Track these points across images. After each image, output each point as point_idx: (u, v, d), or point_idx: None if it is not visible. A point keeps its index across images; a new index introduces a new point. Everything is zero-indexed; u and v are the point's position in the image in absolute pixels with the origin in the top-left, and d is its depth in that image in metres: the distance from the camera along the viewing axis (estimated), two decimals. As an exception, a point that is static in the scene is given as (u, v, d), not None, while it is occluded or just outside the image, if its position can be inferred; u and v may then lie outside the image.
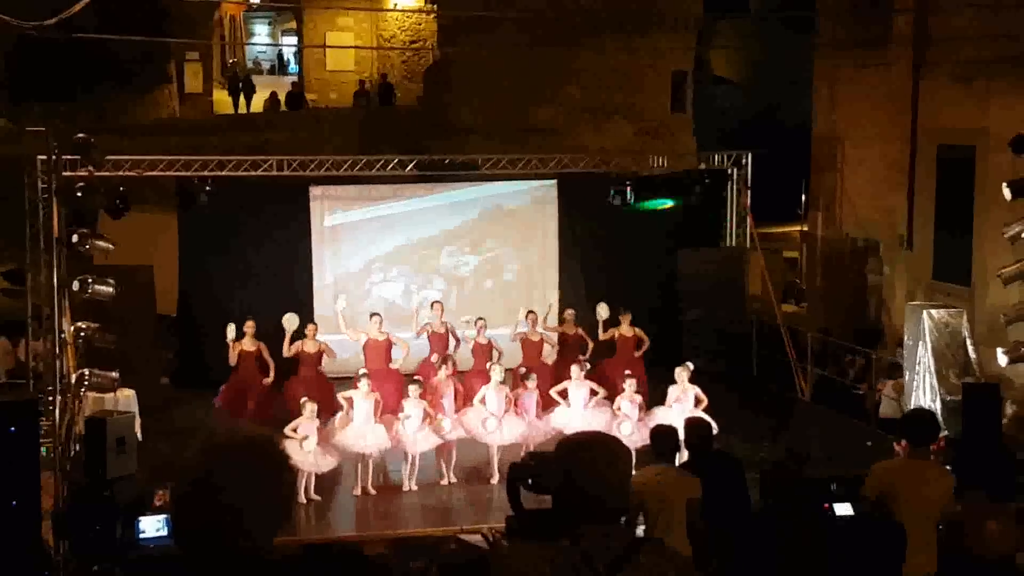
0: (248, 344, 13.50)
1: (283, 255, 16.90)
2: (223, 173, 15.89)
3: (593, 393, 12.87)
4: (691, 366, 12.86)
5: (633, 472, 4.04)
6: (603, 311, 14.97)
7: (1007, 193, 12.71)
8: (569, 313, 14.77)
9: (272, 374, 13.50)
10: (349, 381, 12.95)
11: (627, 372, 13.14)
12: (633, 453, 9.69)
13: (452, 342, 14.06)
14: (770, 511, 8.32)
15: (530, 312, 14.48)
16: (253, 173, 16.02)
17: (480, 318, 14.19)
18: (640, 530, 7.30)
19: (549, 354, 14.31)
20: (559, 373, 13.59)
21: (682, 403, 12.43)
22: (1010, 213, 13.11)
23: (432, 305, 14.40)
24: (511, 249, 17.77)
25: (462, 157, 17.22)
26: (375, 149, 17.66)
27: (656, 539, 6.00)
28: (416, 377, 13.03)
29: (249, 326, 13.54)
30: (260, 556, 2.46)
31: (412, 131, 22.65)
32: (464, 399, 12.97)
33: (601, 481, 3.01)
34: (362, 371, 12.87)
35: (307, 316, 16.49)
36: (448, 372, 12.91)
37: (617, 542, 2.96)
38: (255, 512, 2.44)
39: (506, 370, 13.28)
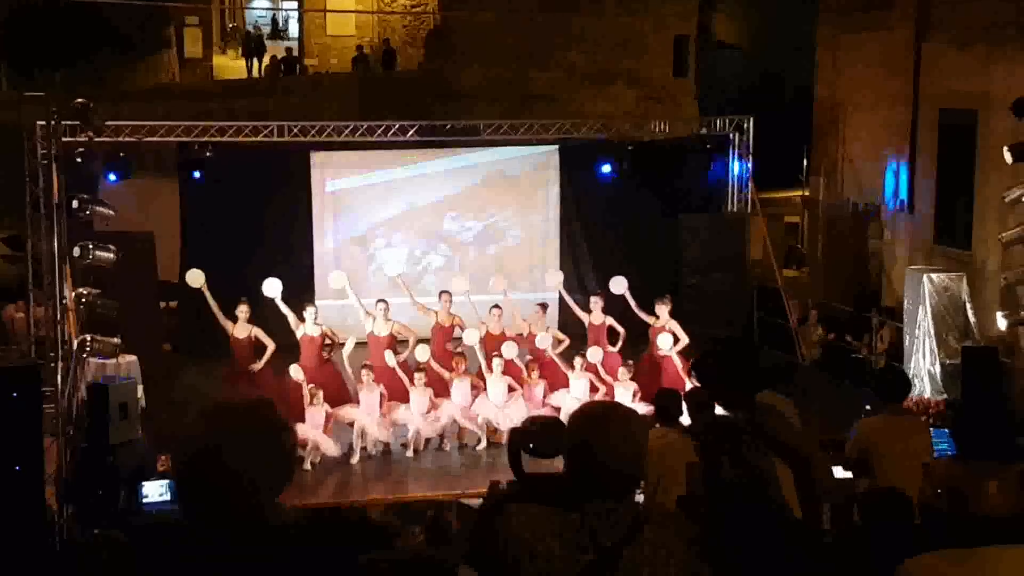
0: (240, 331, 12.67)
1: (284, 221, 16.89)
2: (224, 139, 15.88)
3: (594, 389, 12.82)
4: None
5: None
6: (552, 278, 14.86)
7: (1008, 157, 12.69)
8: (535, 313, 13.91)
9: (266, 358, 12.61)
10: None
11: (629, 363, 13.05)
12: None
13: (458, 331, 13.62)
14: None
15: (543, 305, 14.11)
16: (254, 139, 16.00)
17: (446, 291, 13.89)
18: (640, 496, 7.35)
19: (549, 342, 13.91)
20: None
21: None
22: (1011, 177, 13.10)
23: (440, 296, 13.88)
24: (513, 215, 17.75)
25: (463, 122, 17.17)
26: (376, 115, 17.62)
27: (663, 511, 6.02)
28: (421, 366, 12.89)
29: (242, 310, 12.64)
30: (264, 519, 2.48)
31: (413, 96, 22.57)
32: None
33: (617, 453, 3.00)
34: (365, 363, 12.74)
35: (309, 282, 16.59)
36: (464, 367, 12.94)
37: (624, 517, 2.94)
38: (257, 475, 2.47)
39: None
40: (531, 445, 4.84)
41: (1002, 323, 12.99)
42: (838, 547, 5.07)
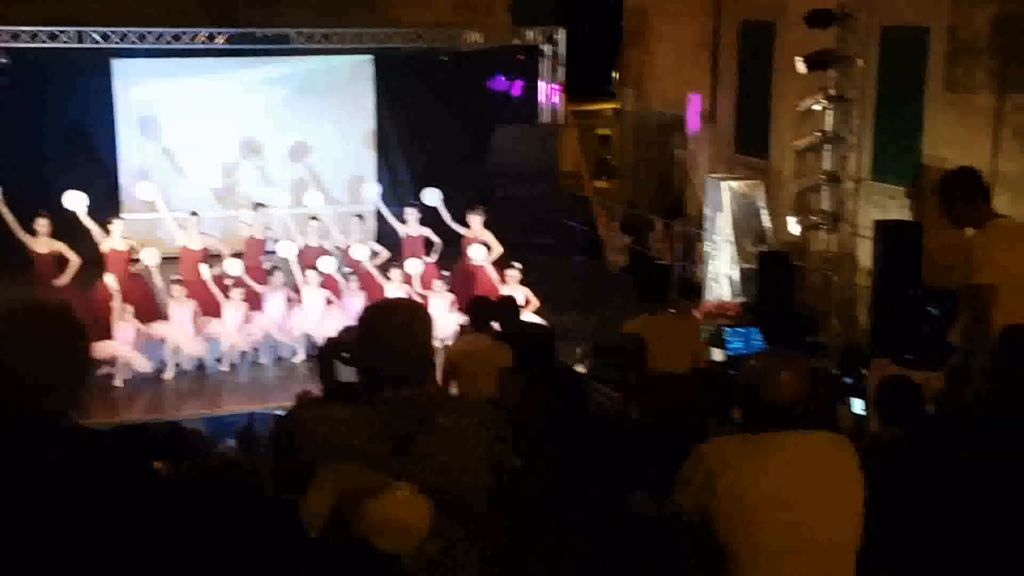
0: (40, 245, 12.15)
1: (87, 132, 16.26)
2: (18, 45, 15.13)
3: None
4: (519, 266, 13.00)
5: (434, 337, 4.19)
6: (369, 190, 14.86)
7: (801, 67, 13.25)
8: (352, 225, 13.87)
9: (70, 273, 12.20)
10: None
11: (445, 273, 13.25)
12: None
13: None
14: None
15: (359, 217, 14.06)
16: (50, 45, 15.27)
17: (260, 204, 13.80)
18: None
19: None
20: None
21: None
22: (805, 87, 13.70)
23: (254, 208, 13.73)
24: (328, 125, 17.51)
25: (275, 30, 16.76)
26: (183, 21, 16.99)
27: (457, 397, 6.22)
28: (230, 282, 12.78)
29: (41, 224, 12.10)
30: (59, 424, 2.47)
31: (221, 1, 21.80)
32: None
33: (401, 343, 3.08)
34: (174, 277, 12.55)
35: (114, 195, 16.08)
36: (281, 281, 12.85)
37: (418, 406, 3.02)
38: (43, 375, 2.45)
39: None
40: (344, 354, 4.94)
41: (795, 228, 13.69)
42: (643, 433, 5.36)
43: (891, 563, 3.71)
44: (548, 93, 17.83)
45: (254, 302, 12.79)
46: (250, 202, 14.46)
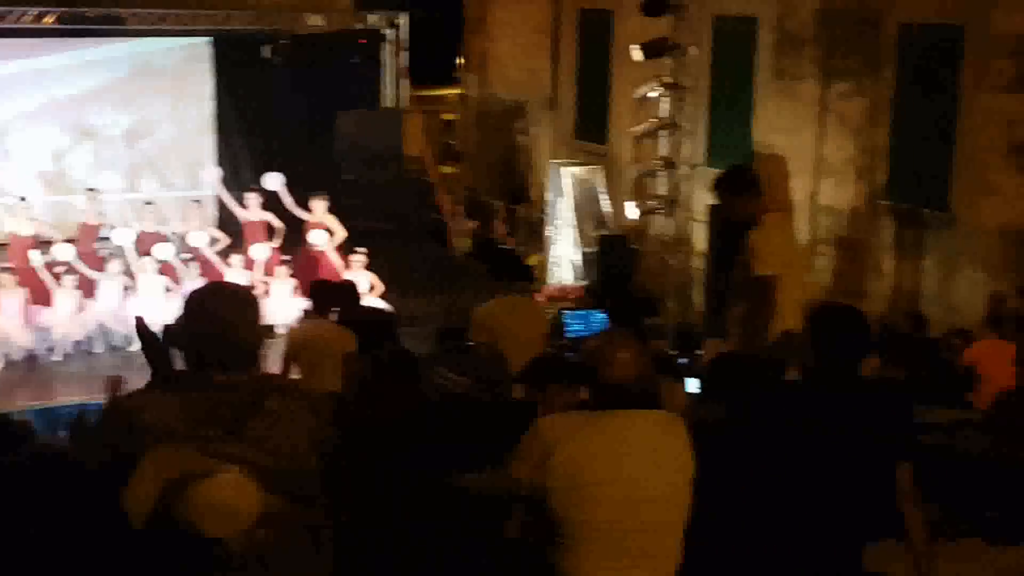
0: None
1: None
2: None
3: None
4: (363, 251, 12.88)
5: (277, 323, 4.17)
6: (209, 175, 14.64)
7: (637, 55, 13.56)
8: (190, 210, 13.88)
9: None
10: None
11: (287, 258, 13.14)
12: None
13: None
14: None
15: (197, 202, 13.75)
16: None
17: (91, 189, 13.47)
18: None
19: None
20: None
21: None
22: (641, 75, 14.02)
23: (87, 193, 13.37)
24: (165, 109, 17.02)
25: (106, 10, 16.18)
26: (9, -2, 16.26)
27: (286, 381, 6.20)
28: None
29: None
30: None
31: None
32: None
33: (226, 327, 3.05)
34: (2, 265, 12.12)
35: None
36: (118, 269, 12.49)
37: (247, 390, 2.99)
38: None
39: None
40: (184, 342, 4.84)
41: (633, 212, 14.03)
42: (489, 414, 5.39)
43: (717, 540, 3.84)
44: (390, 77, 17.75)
45: (88, 290, 12.42)
46: (83, 187, 14.01)
